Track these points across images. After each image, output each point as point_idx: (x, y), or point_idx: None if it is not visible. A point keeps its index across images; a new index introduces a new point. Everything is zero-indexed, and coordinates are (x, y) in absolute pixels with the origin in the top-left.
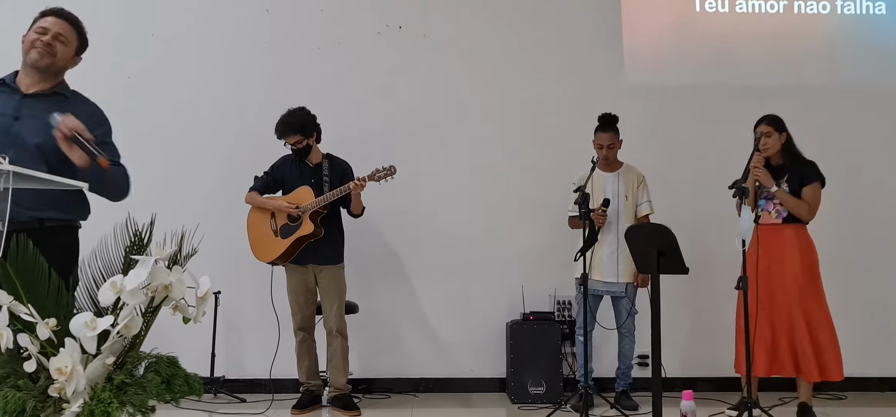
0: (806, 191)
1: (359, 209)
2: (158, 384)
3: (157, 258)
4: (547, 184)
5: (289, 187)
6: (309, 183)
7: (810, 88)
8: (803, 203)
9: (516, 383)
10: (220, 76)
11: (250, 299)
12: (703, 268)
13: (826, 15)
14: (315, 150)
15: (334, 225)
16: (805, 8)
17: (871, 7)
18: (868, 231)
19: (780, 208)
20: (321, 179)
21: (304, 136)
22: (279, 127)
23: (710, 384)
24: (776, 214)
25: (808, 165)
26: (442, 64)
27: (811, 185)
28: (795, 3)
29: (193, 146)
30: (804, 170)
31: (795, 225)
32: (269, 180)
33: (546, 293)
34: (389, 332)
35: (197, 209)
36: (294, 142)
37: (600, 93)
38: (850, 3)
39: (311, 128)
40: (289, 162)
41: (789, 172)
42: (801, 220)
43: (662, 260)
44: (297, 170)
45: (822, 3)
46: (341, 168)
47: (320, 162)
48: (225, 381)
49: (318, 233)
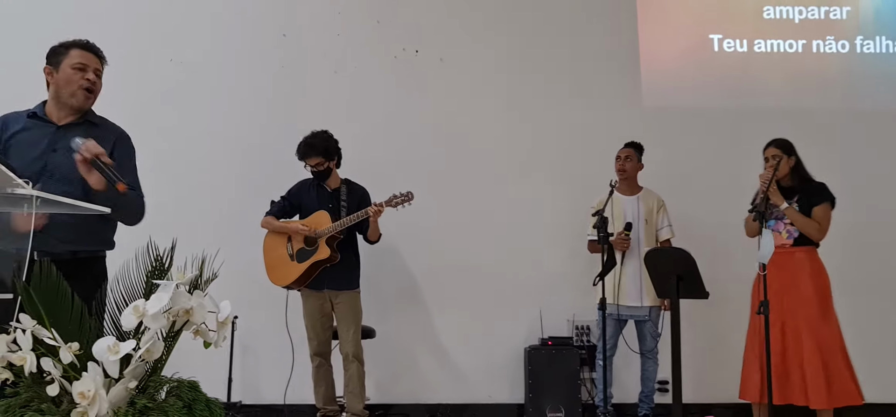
0: (816, 211)
1: (376, 235)
2: (180, 408)
3: (179, 282)
4: (565, 208)
5: (306, 211)
6: (326, 207)
7: (826, 113)
8: (813, 222)
9: (534, 409)
10: (237, 100)
11: (266, 324)
12: (720, 293)
13: (845, 53)
14: (334, 175)
15: (350, 251)
16: (824, 48)
17: (891, 45)
18: (889, 252)
19: (791, 228)
20: (339, 204)
21: (326, 159)
22: (302, 148)
23: (728, 410)
24: (787, 235)
25: (818, 186)
26: (458, 88)
27: (821, 206)
28: (814, 42)
29: (211, 170)
30: (814, 192)
31: (807, 249)
32: (286, 205)
33: (564, 318)
34: (406, 357)
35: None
36: (315, 164)
37: (618, 117)
38: (870, 42)
39: (334, 151)
40: (307, 186)
41: (799, 194)
42: (812, 241)
43: (682, 284)
44: (316, 194)
45: (841, 41)
46: (359, 194)
47: (338, 187)
48: (242, 407)
49: (334, 258)
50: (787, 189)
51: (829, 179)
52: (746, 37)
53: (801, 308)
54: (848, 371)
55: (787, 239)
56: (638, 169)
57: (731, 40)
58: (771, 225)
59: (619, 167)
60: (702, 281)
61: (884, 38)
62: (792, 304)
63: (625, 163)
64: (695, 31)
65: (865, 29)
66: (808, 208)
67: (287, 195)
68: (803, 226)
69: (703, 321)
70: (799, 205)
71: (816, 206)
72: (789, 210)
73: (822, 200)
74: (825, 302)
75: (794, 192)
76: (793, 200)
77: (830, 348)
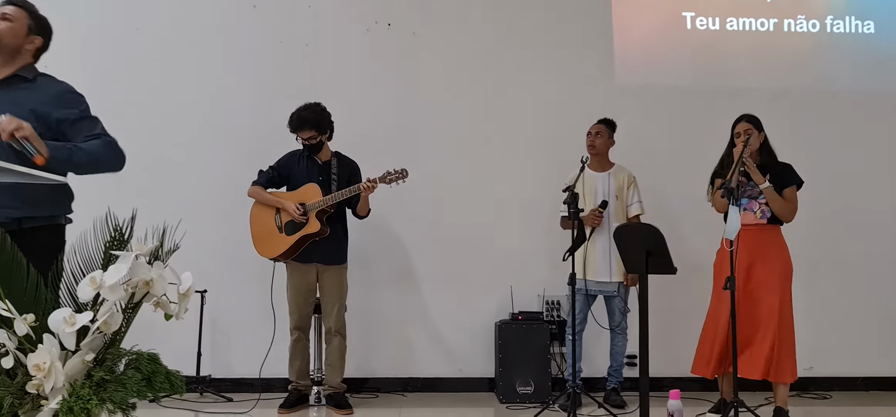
0: (787, 193)
1: (365, 210)
2: (139, 381)
3: (138, 253)
4: (537, 184)
5: (295, 183)
6: (317, 180)
7: (797, 92)
8: (789, 203)
9: (505, 383)
10: (205, 72)
11: (238, 298)
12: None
13: (816, 32)
14: (325, 148)
15: (339, 225)
16: (795, 27)
17: (860, 26)
18: (852, 232)
19: (765, 208)
20: (329, 177)
21: (318, 132)
22: (294, 120)
23: (696, 383)
24: (761, 214)
25: (787, 168)
26: (430, 63)
27: (792, 188)
28: (785, 21)
29: (179, 143)
30: (783, 173)
31: (776, 227)
32: (275, 175)
33: (535, 293)
34: (378, 332)
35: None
36: (308, 137)
37: (591, 93)
38: (839, 22)
39: (327, 124)
40: (297, 157)
41: (769, 172)
42: (783, 221)
43: (651, 260)
44: (306, 167)
45: (811, 21)
46: (350, 168)
47: (329, 160)
48: (211, 380)
49: (323, 232)
50: (758, 166)
51: (797, 158)
52: (719, 15)
53: (766, 284)
54: (793, 349)
55: (761, 219)
56: (609, 145)
57: (704, 18)
58: (744, 204)
59: (590, 143)
60: (670, 256)
61: (853, 17)
62: (764, 281)
63: (595, 139)
64: (668, 8)
65: (835, 9)
66: (779, 188)
67: (276, 165)
68: (780, 207)
69: (672, 296)
70: (771, 184)
71: (787, 188)
72: (769, 190)
73: (792, 182)
74: (787, 281)
75: (762, 170)
76: (766, 179)
77: (787, 325)
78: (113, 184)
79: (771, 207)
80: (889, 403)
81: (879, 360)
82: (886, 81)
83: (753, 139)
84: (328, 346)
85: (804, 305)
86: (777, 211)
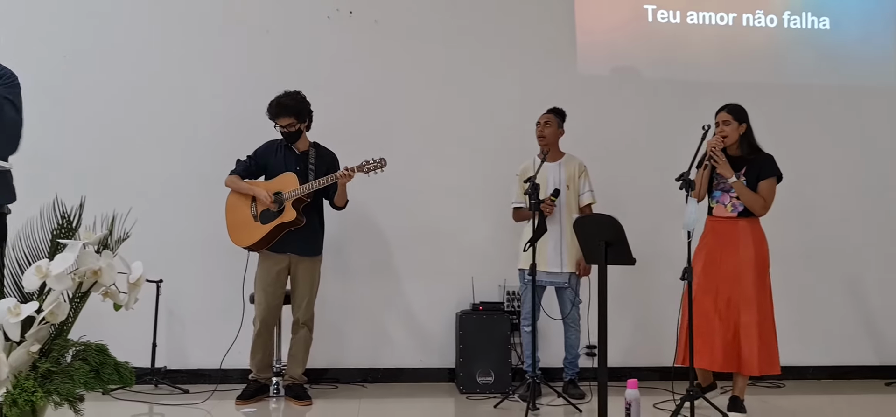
0: (762, 185)
1: (343, 201)
2: (86, 372)
3: (86, 242)
4: (499, 174)
5: (272, 172)
6: (294, 169)
7: (755, 86)
8: (759, 197)
9: (465, 373)
10: (163, 57)
11: (196, 288)
12: (650, 260)
13: (773, 27)
14: (304, 137)
15: (316, 215)
16: (753, 21)
17: (816, 22)
18: (806, 225)
19: (737, 202)
20: (307, 167)
21: (298, 121)
22: (273, 107)
23: (654, 373)
24: (732, 208)
25: (767, 159)
26: (392, 52)
27: (768, 180)
28: (744, 15)
29: (136, 130)
30: (762, 164)
31: (750, 220)
32: (252, 164)
33: (496, 284)
34: (337, 322)
35: (140, 196)
36: (286, 125)
37: (552, 85)
38: (796, 18)
39: (306, 113)
40: (274, 147)
41: (747, 165)
42: (755, 214)
43: (610, 250)
44: (283, 156)
45: (769, 16)
46: (328, 158)
47: (307, 150)
48: (166, 372)
49: (299, 222)
50: (736, 158)
51: None
52: (680, 8)
53: (741, 276)
54: (775, 340)
55: (732, 212)
56: (559, 135)
57: (665, 11)
58: (716, 197)
59: (539, 132)
60: (629, 248)
61: (809, 13)
62: (732, 272)
63: (544, 128)
64: (630, 0)
65: (793, 5)
66: (755, 180)
67: (253, 155)
68: (749, 201)
69: (634, 287)
70: (746, 177)
71: (763, 180)
72: (737, 184)
73: (769, 174)
74: (764, 272)
75: (742, 162)
76: (740, 172)
77: (767, 318)
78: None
79: (741, 200)
80: (838, 391)
81: (829, 349)
82: (840, 75)
83: (731, 130)
84: (293, 337)
85: None
86: (747, 204)
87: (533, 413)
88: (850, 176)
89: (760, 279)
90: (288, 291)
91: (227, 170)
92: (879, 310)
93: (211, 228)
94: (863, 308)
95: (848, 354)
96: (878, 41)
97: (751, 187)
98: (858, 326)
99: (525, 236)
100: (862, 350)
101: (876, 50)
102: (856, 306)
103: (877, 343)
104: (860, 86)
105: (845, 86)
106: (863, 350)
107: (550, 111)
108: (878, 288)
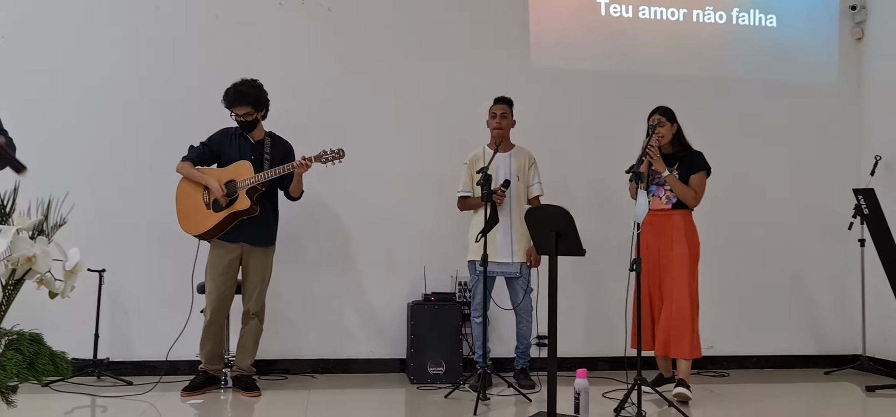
0: (693, 179)
1: (298, 191)
2: (19, 363)
3: (20, 228)
4: (449, 164)
5: (226, 161)
6: (249, 158)
7: (703, 80)
8: (690, 189)
9: (416, 363)
10: (106, 39)
11: (141, 278)
12: (599, 250)
13: (722, 23)
14: (260, 127)
15: (270, 206)
16: (703, 17)
17: (763, 19)
18: (749, 216)
19: (671, 194)
20: (262, 156)
21: (255, 110)
22: (230, 95)
23: (604, 362)
24: (666, 200)
25: (696, 155)
26: (345, 40)
27: (698, 174)
28: (694, 11)
29: (77, 115)
30: (693, 160)
31: (683, 212)
32: (205, 152)
33: (448, 274)
34: (287, 313)
35: (81, 183)
36: (243, 114)
37: (504, 76)
38: (744, 15)
39: (264, 102)
40: (229, 135)
41: (679, 161)
42: (688, 206)
43: (560, 241)
44: (238, 145)
45: (719, 12)
46: (284, 148)
47: (263, 139)
48: (109, 363)
49: (253, 211)
50: (668, 156)
51: (701, 144)
52: (631, 2)
53: (673, 266)
54: (696, 326)
55: (667, 204)
56: (511, 125)
57: (618, 5)
58: (653, 191)
59: (497, 124)
60: (579, 238)
61: (757, 11)
62: (670, 263)
63: (501, 120)
64: None
65: (741, 2)
66: (687, 175)
67: (207, 141)
68: (681, 193)
69: (585, 278)
70: (679, 173)
71: (694, 174)
72: (670, 177)
73: (699, 169)
74: (694, 263)
75: (674, 159)
76: (673, 167)
77: (695, 305)
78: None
79: (675, 193)
80: (779, 380)
81: (772, 339)
82: (786, 72)
83: (665, 131)
84: (244, 327)
85: (707, 286)
86: (680, 197)
87: (483, 403)
88: (793, 170)
89: (691, 269)
90: (239, 281)
91: (175, 158)
92: (819, 302)
93: (158, 216)
94: (804, 300)
95: (789, 344)
96: (823, 39)
97: (683, 181)
98: (799, 318)
99: (474, 227)
100: (803, 341)
101: (820, 47)
102: (797, 298)
103: (816, 334)
104: (804, 82)
105: (790, 83)
106: (803, 340)
107: (504, 101)
108: (819, 282)
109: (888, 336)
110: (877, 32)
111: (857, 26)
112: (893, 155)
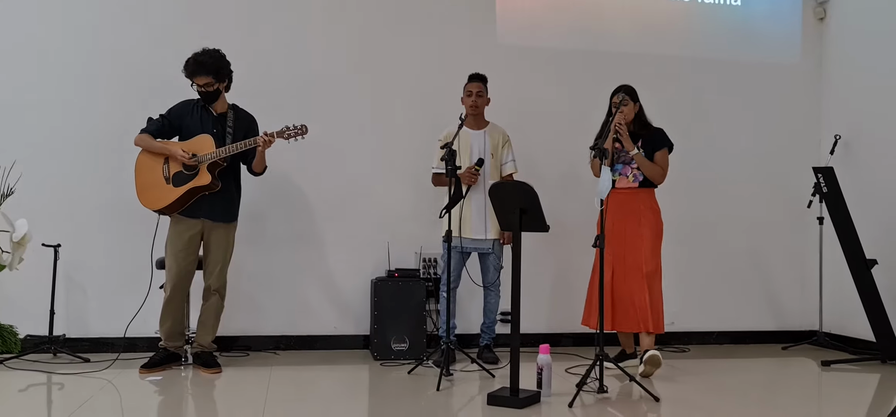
0: (657, 156)
1: (261, 167)
2: None
3: None
4: (414, 140)
5: (187, 134)
6: (211, 132)
7: (668, 59)
8: (657, 167)
9: (379, 340)
10: (57, 5)
11: (98, 253)
12: (565, 227)
13: (687, 2)
14: (222, 99)
15: (232, 181)
16: None
17: None
18: (708, 195)
19: (637, 172)
20: (224, 130)
21: (216, 80)
22: (190, 64)
23: (568, 338)
24: (633, 178)
25: (658, 132)
26: (309, 12)
27: (661, 151)
28: None
29: (28, 86)
30: (655, 137)
31: (648, 190)
32: (165, 124)
33: (412, 250)
34: (248, 289)
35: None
36: (203, 84)
37: (470, 51)
38: None
39: (226, 73)
40: (190, 107)
41: (642, 139)
42: (653, 184)
43: (524, 217)
44: (199, 117)
45: None
46: (247, 121)
47: (225, 112)
48: (66, 340)
49: (214, 186)
50: (631, 134)
51: (664, 123)
52: None
53: (638, 243)
54: (661, 303)
55: (633, 183)
56: (486, 103)
57: None
58: (618, 169)
59: (473, 103)
60: (543, 215)
61: None
62: (635, 241)
63: (477, 98)
64: None
65: None
66: (651, 153)
67: (167, 114)
68: (649, 171)
69: (551, 254)
70: (643, 150)
71: (657, 151)
72: (638, 156)
73: (662, 146)
74: (657, 240)
75: (636, 137)
76: (637, 145)
77: (658, 281)
78: None
79: (642, 171)
80: (738, 355)
81: (732, 316)
82: (749, 51)
83: (628, 109)
84: (205, 304)
85: (669, 264)
86: (647, 174)
87: (447, 378)
88: (754, 149)
89: (655, 246)
90: (200, 257)
91: (134, 131)
92: (778, 279)
93: (116, 191)
94: (763, 277)
95: (749, 320)
96: (786, 19)
97: (647, 159)
98: (759, 294)
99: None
100: (762, 317)
101: (783, 27)
102: (757, 275)
103: (775, 310)
104: (767, 61)
105: (753, 62)
106: (762, 316)
107: (479, 79)
108: (778, 259)
109: (844, 312)
110: (839, 12)
111: (820, 6)
112: (853, 134)
